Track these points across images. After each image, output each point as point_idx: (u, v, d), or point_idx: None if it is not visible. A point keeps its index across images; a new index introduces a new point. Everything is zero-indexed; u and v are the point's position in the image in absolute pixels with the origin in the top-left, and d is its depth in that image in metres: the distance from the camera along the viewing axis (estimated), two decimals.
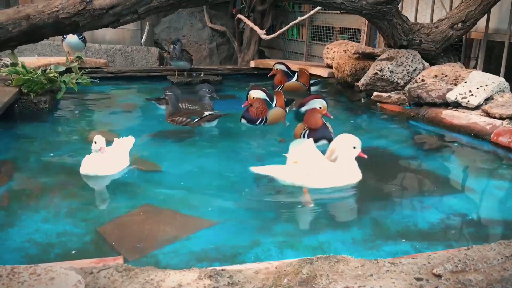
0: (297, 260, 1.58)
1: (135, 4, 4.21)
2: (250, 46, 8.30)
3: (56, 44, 7.51)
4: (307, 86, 6.00)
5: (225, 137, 4.12)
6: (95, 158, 2.94)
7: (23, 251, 2.08)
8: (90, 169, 2.94)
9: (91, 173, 2.94)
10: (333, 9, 5.47)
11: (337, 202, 2.78)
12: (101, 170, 2.95)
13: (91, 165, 2.94)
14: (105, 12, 4.20)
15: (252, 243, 2.18)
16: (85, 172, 2.95)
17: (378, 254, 2.09)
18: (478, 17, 5.32)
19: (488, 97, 4.27)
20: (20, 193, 2.73)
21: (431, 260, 1.58)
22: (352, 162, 2.96)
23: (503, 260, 1.57)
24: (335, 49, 6.50)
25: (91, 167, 2.94)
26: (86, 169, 2.95)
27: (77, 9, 4.16)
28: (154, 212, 2.53)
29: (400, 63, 5.16)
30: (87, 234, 2.24)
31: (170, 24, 8.73)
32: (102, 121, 4.42)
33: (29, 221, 2.36)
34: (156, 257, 2.05)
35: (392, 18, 5.10)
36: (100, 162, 2.93)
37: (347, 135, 3.02)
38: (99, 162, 2.93)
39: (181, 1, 4.34)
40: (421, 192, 2.91)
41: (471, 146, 3.85)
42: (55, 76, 4.64)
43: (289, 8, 8.78)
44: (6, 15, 4.23)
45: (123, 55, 7.81)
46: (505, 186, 3.10)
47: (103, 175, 2.95)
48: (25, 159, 3.29)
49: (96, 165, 2.94)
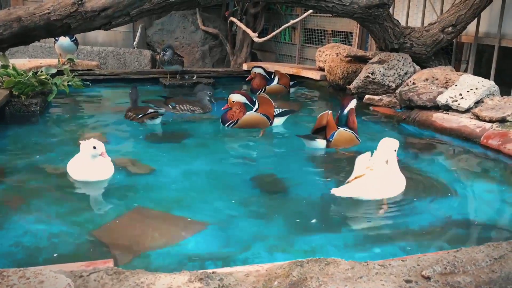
0: (288, 263, 1.59)
1: (127, 6, 4.21)
2: (243, 48, 8.31)
3: (48, 46, 7.47)
4: (288, 88, 6.10)
5: (218, 139, 4.12)
6: (90, 163, 2.89)
7: (11, 255, 2.06)
8: (88, 174, 2.90)
9: (90, 179, 2.90)
10: (325, 13, 5.50)
11: (328, 206, 2.79)
12: (99, 175, 2.92)
13: (87, 171, 2.90)
14: (97, 15, 4.19)
15: (243, 246, 2.18)
16: (82, 178, 2.91)
17: (368, 257, 2.10)
18: (468, 21, 5.38)
19: (478, 100, 4.31)
20: (10, 196, 2.71)
21: (420, 262, 1.59)
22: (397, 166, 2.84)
23: (491, 262, 1.59)
24: (327, 52, 6.53)
25: (88, 172, 2.90)
26: (82, 175, 2.90)
27: (69, 11, 4.15)
28: (145, 215, 2.52)
29: (392, 66, 5.19)
30: (78, 238, 2.23)
31: (163, 27, 8.72)
32: (93, 123, 4.40)
33: (19, 224, 2.34)
34: (147, 260, 2.05)
35: (384, 22, 5.14)
36: (96, 166, 2.90)
37: (389, 139, 2.85)
38: (96, 166, 2.90)
39: (174, 4, 4.34)
40: (411, 194, 2.93)
41: (461, 149, 3.88)
42: (46, 79, 4.63)
43: (282, 11, 8.81)
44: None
45: (116, 57, 7.78)
46: (494, 188, 3.13)
47: (102, 179, 2.93)
48: (15, 161, 3.27)
49: (93, 170, 2.90)
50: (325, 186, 3.10)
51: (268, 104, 4.35)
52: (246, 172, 3.19)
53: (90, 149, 2.87)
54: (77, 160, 2.96)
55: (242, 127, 4.27)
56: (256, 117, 4.32)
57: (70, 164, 2.97)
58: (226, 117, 4.31)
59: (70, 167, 2.96)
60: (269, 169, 3.34)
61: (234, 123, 4.28)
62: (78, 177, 2.92)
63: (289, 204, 2.80)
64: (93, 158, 2.88)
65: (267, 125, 4.34)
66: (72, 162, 2.97)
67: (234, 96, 4.31)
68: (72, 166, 2.95)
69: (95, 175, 2.91)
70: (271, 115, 4.36)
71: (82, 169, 2.91)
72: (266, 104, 4.34)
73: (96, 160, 2.89)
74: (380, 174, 2.73)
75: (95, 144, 2.86)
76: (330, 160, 3.58)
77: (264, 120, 4.32)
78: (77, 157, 2.97)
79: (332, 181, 3.10)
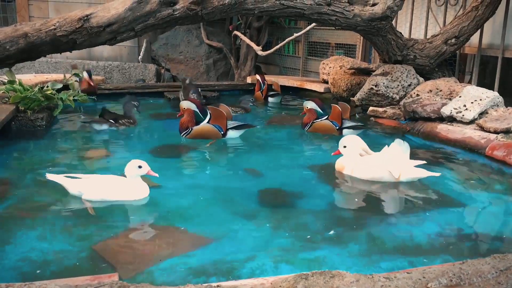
0: (292, 276, 1.58)
1: (132, 21, 4.26)
2: (247, 62, 8.35)
3: (54, 61, 7.55)
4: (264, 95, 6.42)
5: (222, 152, 4.13)
6: (131, 183, 2.85)
7: (18, 269, 2.07)
8: (124, 195, 2.83)
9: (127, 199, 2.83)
10: (328, 26, 5.54)
11: (333, 216, 2.78)
12: (140, 194, 2.87)
13: (123, 191, 2.83)
14: (102, 30, 4.24)
15: (248, 259, 2.18)
16: (123, 198, 2.82)
17: (373, 269, 2.09)
18: (471, 33, 5.39)
19: (482, 111, 4.31)
20: (16, 211, 2.72)
21: (426, 274, 1.58)
22: None
23: (497, 274, 1.58)
24: (330, 64, 6.56)
25: (123, 192, 2.83)
26: (117, 195, 2.82)
27: (75, 27, 4.21)
28: (150, 229, 2.53)
29: (395, 78, 5.20)
30: (83, 252, 2.23)
31: (167, 41, 8.80)
32: (99, 138, 4.43)
33: (24, 238, 2.35)
34: (152, 274, 2.05)
35: (387, 34, 5.17)
36: (136, 186, 2.86)
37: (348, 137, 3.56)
38: (136, 186, 2.86)
39: (178, 18, 4.39)
40: (416, 206, 2.92)
41: (466, 160, 3.87)
42: (52, 93, 4.66)
43: (285, 25, 8.87)
44: (4, 33, 4.27)
45: (121, 71, 7.85)
46: (500, 200, 3.11)
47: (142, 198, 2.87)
48: (21, 176, 3.29)
49: (131, 190, 2.84)
50: (330, 198, 3.10)
51: (221, 116, 4.31)
52: (249, 185, 3.20)
53: (135, 169, 2.84)
54: (110, 181, 2.88)
55: (194, 137, 4.30)
56: (208, 128, 4.31)
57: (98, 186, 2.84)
58: (180, 126, 4.38)
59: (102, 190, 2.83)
60: (273, 181, 3.34)
61: (187, 132, 4.33)
62: (116, 197, 2.83)
63: (294, 216, 2.80)
64: (136, 178, 2.85)
65: (218, 136, 4.31)
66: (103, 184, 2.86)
67: (185, 103, 4.37)
68: (108, 187, 2.84)
69: (136, 194, 2.86)
70: (224, 126, 4.31)
71: (124, 190, 2.84)
72: (218, 115, 4.31)
73: (136, 179, 2.86)
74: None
75: (140, 164, 2.84)
76: (336, 174, 3.57)
77: (216, 132, 4.30)
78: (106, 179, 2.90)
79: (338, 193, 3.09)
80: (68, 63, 7.60)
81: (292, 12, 4.75)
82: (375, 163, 3.33)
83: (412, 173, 3.25)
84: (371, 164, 3.34)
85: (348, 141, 3.47)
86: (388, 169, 3.23)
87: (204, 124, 4.33)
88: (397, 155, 3.26)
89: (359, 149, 3.46)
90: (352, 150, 3.45)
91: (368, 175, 3.31)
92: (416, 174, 3.25)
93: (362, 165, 3.35)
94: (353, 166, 3.38)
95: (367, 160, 3.39)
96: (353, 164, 3.39)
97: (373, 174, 3.30)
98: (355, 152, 3.44)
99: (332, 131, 4.57)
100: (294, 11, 4.74)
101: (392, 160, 3.25)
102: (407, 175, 3.24)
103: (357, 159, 3.41)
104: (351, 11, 4.84)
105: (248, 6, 4.54)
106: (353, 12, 4.84)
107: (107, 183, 2.87)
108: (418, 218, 2.72)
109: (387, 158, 3.28)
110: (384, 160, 3.28)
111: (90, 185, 2.83)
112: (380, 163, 3.29)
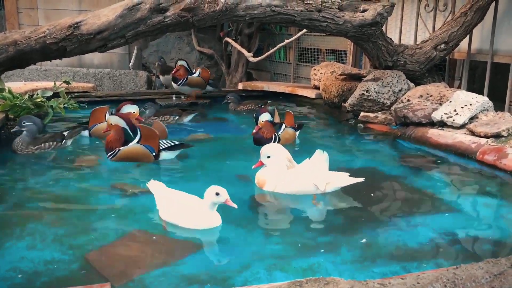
0: (287, 283, 1.57)
1: (122, 29, 4.25)
2: (238, 68, 8.36)
3: (44, 69, 7.51)
4: (206, 82, 6.57)
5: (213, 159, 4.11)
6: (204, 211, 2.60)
7: (9, 280, 2.04)
8: (207, 223, 2.60)
9: (207, 227, 2.59)
10: (319, 32, 5.55)
11: (326, 223, 2.78)
12: (214, 222, 2.62)
13: (198, 219, 2.59)
14: (92, 37, 4.22)
15: (242, 266, 2.17)
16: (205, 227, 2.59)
17: (367, 275, 2.09)
18: (460, 38, 5.44)
19: (472, 116, 4.34)
20: (6, 220, 2.69)
21: (420, 280, 1.58)
22: None
23: (491, 278, 1.58)
24: (322, 70, 6.58)
25: (205, 220, 2.60)
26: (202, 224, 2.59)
27: (65, 34, 4.19)
28: (142, 237, 2.51)
29: (386, 83, 5.23)
30: (75, 261, 2.20)
31: (158, 48, 8.79)
32: (89, 146, 4.40)
33: (15, 248, 2.32)
34: (144, 282, 2.03)
35: (377, 40, 5.20)
36: (211, 214, 2.61)
37: (269, 146, 3.31)
38: (210, 213, 2.61)
39: (168, 26, 4.38)
40: (409, 211, 2.92)
41: (457, 165, 3.89)
42: (42, 101, 4.63)
43: (276, 31, 8.89)
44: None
45: (111, 79, 7.82)
46: (491, 204, 3.13)
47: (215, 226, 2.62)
48: (11, 185, 3.25)
49: (209, 217, 2.61)
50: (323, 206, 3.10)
51: (153, 136, 3.80)
52: (243, 192, 3.19)
53: (212, 196, 2.57)
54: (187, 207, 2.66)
55: (121, 160, 3.75)
56: (137, 149, 3.77)
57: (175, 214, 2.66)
58: (105, 146, 3.82)
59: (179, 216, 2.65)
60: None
61: (113, 154, 3.77)
62: (195, 226, 2.60)
63: (287, 223, 2.80)
64: (214, 206, 2.61)
65: (150, 159, 3.78)
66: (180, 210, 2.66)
67: (112, 119, 3.83)
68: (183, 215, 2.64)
69: (211, 222, 2.62)
70: (156, 147, 3.79)
71: (199, 218, 2.61)
72: (149, 135, 3.81)
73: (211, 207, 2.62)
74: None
75: (218, 191, 2.57)
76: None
77: (147, 154, 3.77)
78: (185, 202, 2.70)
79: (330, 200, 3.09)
80: (58, 71, 7.56)
81: (283, 18, 4.76)
82: (299, 176, 3.13)
83: (336, 182, 3.12)
84: (295, 177, 3.13)
85: (272, 151, 3.19)
86: (314, 182, 3.08)
87: (134, 145, 3.78)
88: (320, 166, 3.12)
89: (285, 160, 3.18)
90: (276, 160, 3.16)
91: (292, 189, 3.12)
92: (341, 183, 3.13)
93: (286, 179, 3.12)
94: (276, 182, 3.12)
95: (290, 174, 3.16)
96: (275, 179, 3.13)
97: (298, 188, 3.11)
98: (281, 163, 3.16)
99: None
100: (285, 18, 4.75)
101: (316, 172, 3.11)
102: (332, 185, 3.11)
103: (280, 173, 3.13)
104: (341, 17, 4.87)
105: (239, 12, 4.54)
106: (343, 18, 4.87)
107: (184, 210, 2.66)
108: (410, 223, 2.72)
109: (311, 171, 3.11)
110: (308, 173, 3.11)
111: (168, 208, 2.70)
112: (304, 176, 3.11)
